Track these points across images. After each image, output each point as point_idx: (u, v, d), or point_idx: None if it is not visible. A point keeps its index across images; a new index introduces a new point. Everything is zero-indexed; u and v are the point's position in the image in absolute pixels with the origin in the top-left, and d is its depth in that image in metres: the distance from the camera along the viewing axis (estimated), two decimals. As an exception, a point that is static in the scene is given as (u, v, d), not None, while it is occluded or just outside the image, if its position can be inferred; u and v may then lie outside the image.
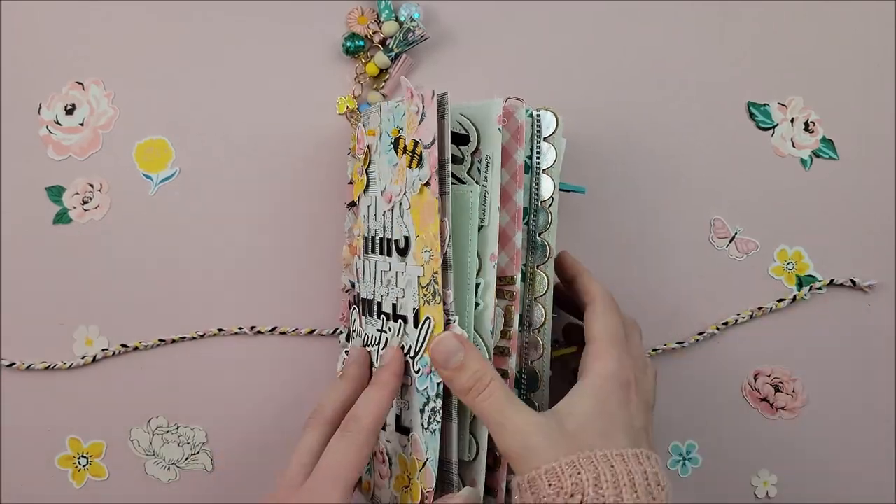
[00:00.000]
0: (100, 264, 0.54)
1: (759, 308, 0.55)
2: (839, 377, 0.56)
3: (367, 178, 0.48)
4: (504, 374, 0.43)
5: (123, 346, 0.53)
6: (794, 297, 0.55)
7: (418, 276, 0.42)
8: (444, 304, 0.41)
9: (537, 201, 0.45)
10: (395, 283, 0.45)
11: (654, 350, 0.55)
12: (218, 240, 0.54)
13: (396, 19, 0.54)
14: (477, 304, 0.43)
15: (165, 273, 0.54)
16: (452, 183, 0.42)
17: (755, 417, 0.56)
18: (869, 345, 0.56)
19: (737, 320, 0.55)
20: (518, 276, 0.44)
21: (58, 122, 0.54)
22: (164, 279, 0.54)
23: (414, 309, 0.43)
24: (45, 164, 0.54)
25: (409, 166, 0.42)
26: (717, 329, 0.55)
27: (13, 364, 0.53)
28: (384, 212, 0.46)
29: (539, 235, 0.45)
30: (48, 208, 0.54)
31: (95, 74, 0.55)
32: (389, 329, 0.45)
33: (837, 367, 0.56)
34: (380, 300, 0.46)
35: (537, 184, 0.45)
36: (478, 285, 0.43)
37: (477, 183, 0.43)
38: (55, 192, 0.54)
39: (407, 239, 0.43)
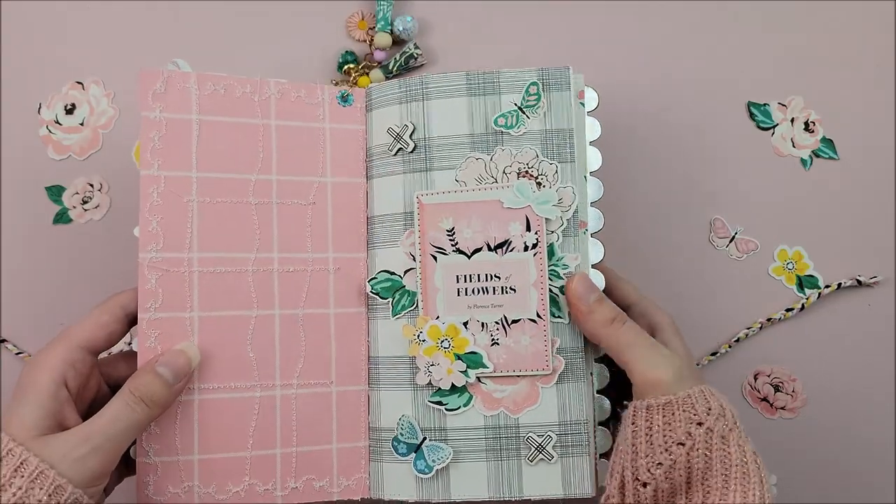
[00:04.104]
0: (100, 264, 0.54)
1: (769, 319, 0.55)
2: (839, 377, 0.56)
3: None
4: None
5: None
6: (803, 305, 0.55)
7: None
8: (567, 267, 0.45)
9: (586, 173, 0.47)
10: None
11: None
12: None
13: (391, 32, 0.55)
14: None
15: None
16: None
17: (755, 417, 0.56)
18: (869, 345, 0.56)
19: (747, 334, 0.55)
20: None
21: (58, 122, 0.54)
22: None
23: None
24: (45, 163, 0.54)
25: None
26: (730, 347, 0.55)
27: (21, 353, 0.53)
28: None
29: (591, 205, 0.47)
30: (48, 208, 0.54)
31: (95, 74, 0.55)
32: None
33: (837, 367, 0.56)
34: None
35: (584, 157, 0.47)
36: None
37: None
38: (55, 192, 0.54)
39: None
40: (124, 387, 0.40)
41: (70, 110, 0.55)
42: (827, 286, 0.55)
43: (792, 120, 0.57)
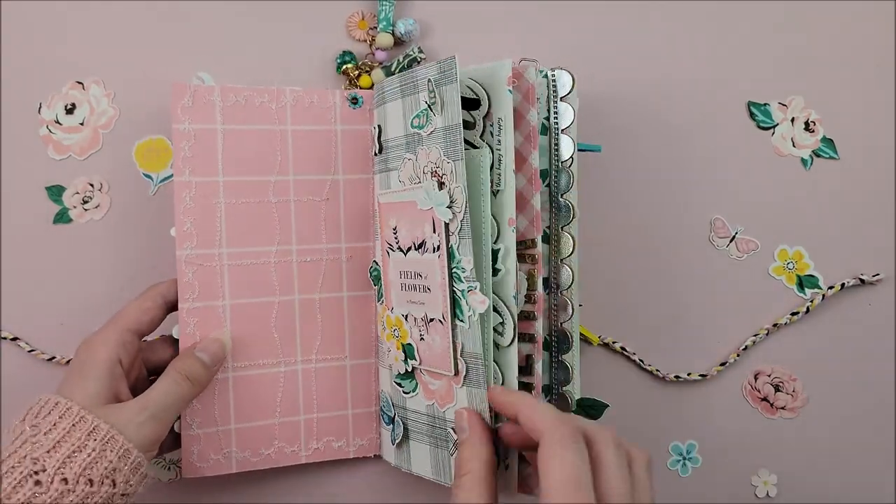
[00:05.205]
0: (99, 264, 0.54)
1: (776, 325, 0.55)
2: (839, 377, 0.56)
3: None
4: (532, 337, 0.44)
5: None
6: (808, 308, 0.55)
7: None
8: (464, 270, 0.41)
9: (557, 162, 0.45)
10: None
11: (677, 377, 0.55)
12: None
13: (393, 33, 0.54)
14: (498, 270, 0.43)
15: (165, 273, 0.54)
16: (466, 148, 0.42)
17: (755, 417, 0.56)
18: (869, 344, 0.56)
19: (754, 341, 0.55)
20: (539, 239, 0.44)
21: (58, 122, 0.54)
22: (164, 279, 0.54)
23: None
24: (45, 163, 0.54)
25: None
26: (738, 356, 0.55)
27: (33, 350, 0.53)
28: None
29: (561, 196, 0.45)
30: (48, 208, 0.54)
31: (95, 74, 0.55)
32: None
33: (838, 367, 0.56)
34: None
35: (556, 145, 0.45)
36: (497, 251, 0.42)
37: (491, 147, 0.43)
38: (55, 192, 0.54)
39: None
40: (169, 368, 0.45)
41: (70, 110, 0.55)
42: (830, 287, 0.55)
43: (792, 120, 0.57)
